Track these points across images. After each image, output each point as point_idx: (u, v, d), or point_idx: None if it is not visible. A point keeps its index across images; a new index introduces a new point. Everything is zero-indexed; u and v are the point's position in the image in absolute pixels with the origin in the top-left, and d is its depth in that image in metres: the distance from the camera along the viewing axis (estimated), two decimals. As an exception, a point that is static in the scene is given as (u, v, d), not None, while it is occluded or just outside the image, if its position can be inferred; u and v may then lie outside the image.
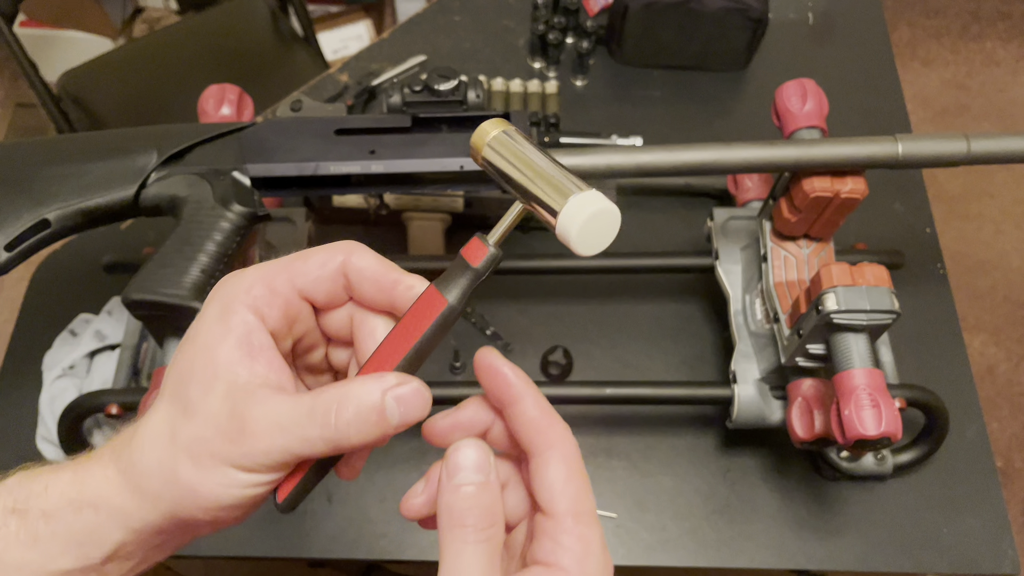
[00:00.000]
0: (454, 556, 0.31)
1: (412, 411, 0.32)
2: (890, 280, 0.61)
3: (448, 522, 0.31)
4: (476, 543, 0.31)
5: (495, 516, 0.31)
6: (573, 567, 0.31)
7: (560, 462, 0.32)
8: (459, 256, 0.33)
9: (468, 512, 0.31)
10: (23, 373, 0.82)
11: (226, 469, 0.31)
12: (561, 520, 0.31)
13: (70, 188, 0.61)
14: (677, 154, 0.66)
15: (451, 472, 0.32)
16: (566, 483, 0.32)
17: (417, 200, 0.87)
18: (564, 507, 0.31)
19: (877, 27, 1.13)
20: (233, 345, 0.31)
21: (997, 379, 1.65)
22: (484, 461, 0.32)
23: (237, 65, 1.39)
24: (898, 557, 0.75)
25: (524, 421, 0.33)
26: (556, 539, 0.31)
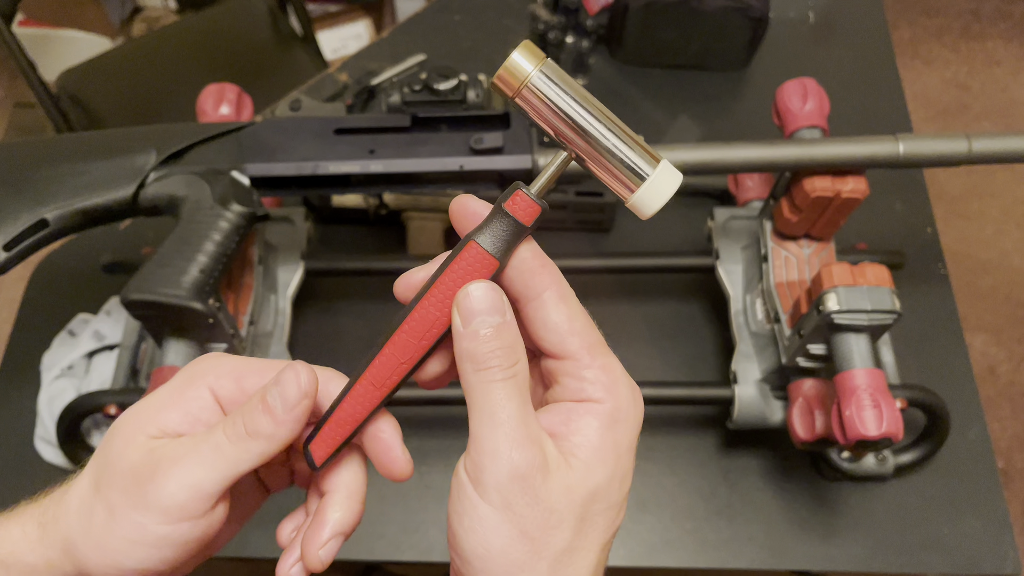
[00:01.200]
0: (484, 397, 0.30)
1: (287, 387, 0.31)
2: (891, 280, 0.61)
3: (473, 367, 0.30)
4: (504, 380, 0.30)
5: (518, 352, 0.30)
6: (605, 396, 0.31)
7: (559, 302, 0.31)
8: (501, 209, 0.30)
9: (492, 354, 0.30)
10: (21, 373, 0.82)
11: (136, 518, 0.30)
12: (578, 357, 0.31)
13: (69, 188, 0.61)
14: (677, 154, 0.66)
15: (466, 317, 0.30)
16: (571, 320, 0.31)
17: (417, 200, 0.87)
18: (577, 344, 0.31)
19: (878, 26, 1.13)
20: (179, 412, 0.32)
21: (998, 379, 1.64)
22: (498, 300, 0.30)
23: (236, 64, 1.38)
24: (899, 558, 0.75)
25: (513, 268, 0.31)
26: (578, 376, 0.31)
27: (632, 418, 0.31)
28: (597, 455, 0.30)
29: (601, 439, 0.30)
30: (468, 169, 0.64)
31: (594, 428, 0.30)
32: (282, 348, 0.73)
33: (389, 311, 0.89)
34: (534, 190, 0.30)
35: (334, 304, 0.88)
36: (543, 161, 0.65)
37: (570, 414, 0.31)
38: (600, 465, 0.30)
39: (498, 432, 0.29)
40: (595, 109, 0.29)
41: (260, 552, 0.74)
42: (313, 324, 0.86)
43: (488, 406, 0.30)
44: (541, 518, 0.29)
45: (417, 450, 0.79)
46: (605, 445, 0.30)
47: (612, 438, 0.30)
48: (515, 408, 0.30)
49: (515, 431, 0.29)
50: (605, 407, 0.30)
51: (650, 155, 0.29)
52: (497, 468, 0.29)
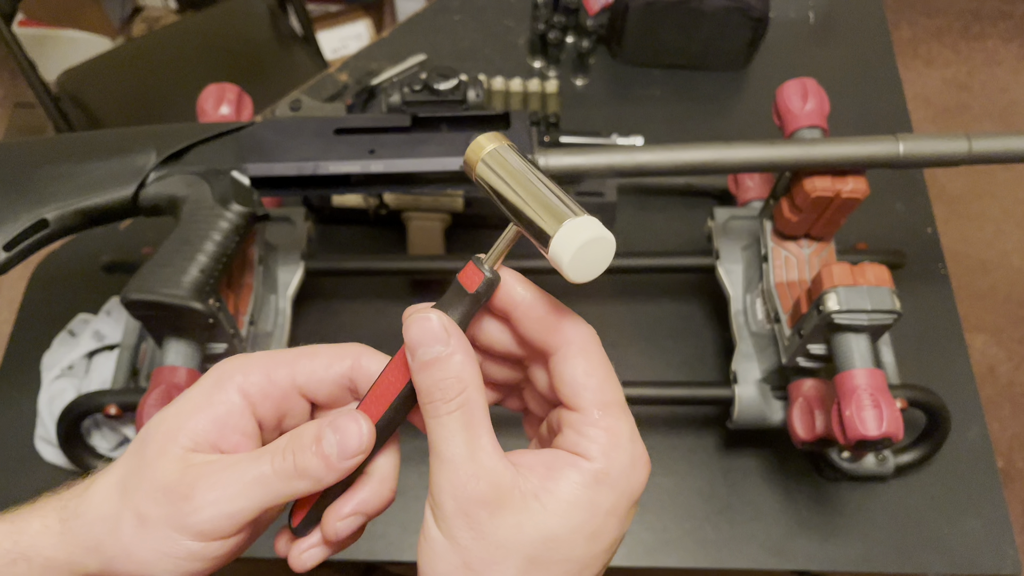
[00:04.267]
0: (433, 434, 0.30)
1: (347, 439, 0.31)
2: (891, 280, 0.61)
3: (422, 401, 0.30)
4: (448, 414, 0.30)
5: (464, 380, 0.30)
6: (599, 457, 0.30)
7: (577, 356, 0.31)
8: (456, 281, 0.32)
9: (435, 385, 0.30)
10: (22, 373, 0.82)
11: (171, 533, 0.30)
12: (586, 412, 0.30)
13: (69, 188, 0.61)
14: (677, 154, 0.66)
15: (412, 349, 0.30)
16: (586, 376, 0.31)
17: (417, 200, 0.87)
18: (588, 399, 0.30)
19: (878, 26, 1.13)
20: (208, 418, 0.32)
21: (998, 379, 1.64)
22: (436, 331, 0.30)
23: (236, 64, 1.39)
24: (899, 558, 0.75)
25: (531, 323, 0.31)
26: (580, 431, 0.30)
27: (623, 485, 0.30)
28: (563, 506, 0.29)
29: (575, 494, 0.29)
30: (468, 169, 0.64)
31: (572, 481, 0.30)
32: (282, 348, 0.73)
33: (389, 311, 0.89)
34: (488, 263, 0.32)
35: (334, 304, 0.88)
36: (543, 161, 0.65)
37: (555, 461, 0.30)
38: (563, 515, 0.29)
39: (444, 469, 0.29)
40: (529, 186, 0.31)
41: (261, 552, 0.74)
42: (313, 324, 0.86)
43: (432, 441, 0.30)
44: (485, 553, 0.29)
45: (417, 450, 0.79)
46: (579, 501, 0.29)
47: (589, 496, 0.29)
48: (461, 442, 0.29)
49: (460, 467, 0.29)
50: (592, 466, 0.30)
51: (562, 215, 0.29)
52: (443, 501, 0.29)
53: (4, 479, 0.78)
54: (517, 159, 0.32)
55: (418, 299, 0.88)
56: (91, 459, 0.74)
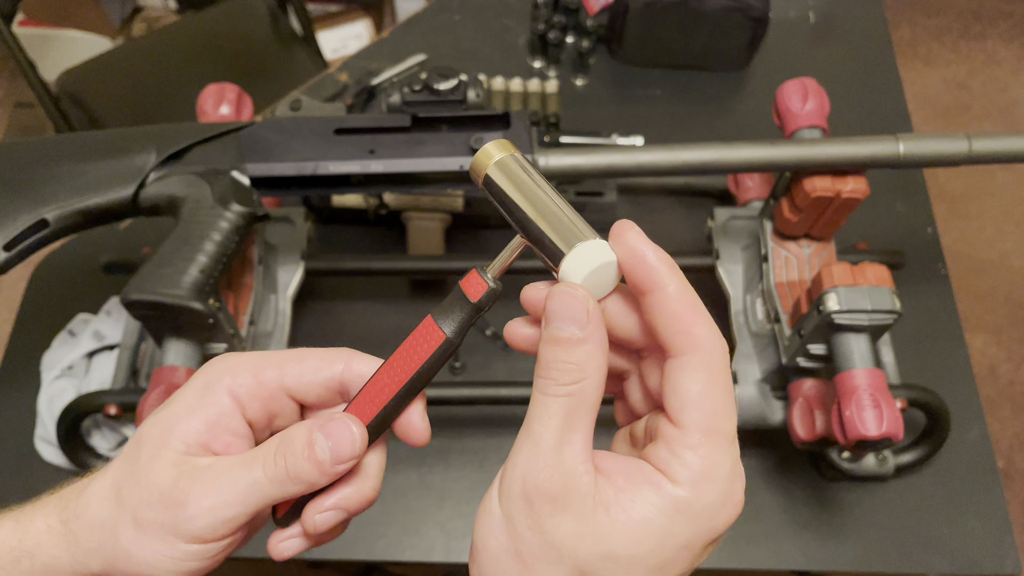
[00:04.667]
0: (533, 404, 0.29)
1: (340, 443, 0.31)
2: (891, 280, 0.61)
3: (537, 370, 0.29)
4: (557, 396, 0.28)
5: (586, 371, 0.28)
6: (686, 484, 0.27)
7: (700, 369, 0.28)
8: (457, 288, 0.32)
9: (554, 364, 0.28)
10: (22, 373, 0.82)
11: (168, 537, 0.31)
12: (688, 434, 0.28)
13: (69, 188, 0.61)
14: (677, 154, 0.66)
15: (548, 318, 0.28)
16: (701, 395, 0.28)
17: (417, 200, 0.87)
18: (694, 420, 0.28)
19: (878, 26, 1.13)
20: (199, 421, 0.32)
21: (998, 379, 1.64)
22: (580, 312, 0.28)
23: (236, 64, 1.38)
24: (899, 558, 0.74)
25: (663, 314, 0.28)
26: (675, 451, 0.28)
27: (705, 522, 0.27)
28: (632, 527, 0.27)
29: (648, 517, 0.27)
30: (468, 169, 0.64)
31: (648, 502, 0.27)
32: (282, 348, 0.73)
33: (389, 311, 0.89)
34: (491, 273, 0.32)
35: (334, 304, 0.88)
36: (543, 161, 0.65)
37: (637, 474, 0.28)
38: (629, 537, 0.27)
39: (527, 446, 0.28)
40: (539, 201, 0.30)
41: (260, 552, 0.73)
42: (313, 324, 0.86)
43: (531, 415, 0.28)
44: (539, 548, 0.27)
45: (417, 450, 0.79)
46: (651, 525, 0.27)
47: (664, 524, 0.27)
48: (555, 428, 0.28)
49: (544, 452, 0.28)
50: (676, 492, 0.27)
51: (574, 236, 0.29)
52: (512, 479, 0.28)
53: (4, 479, 0.78)
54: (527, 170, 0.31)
55: (418, 299, 0.88)
56: (91, 459, 0.74)
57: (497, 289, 0.32)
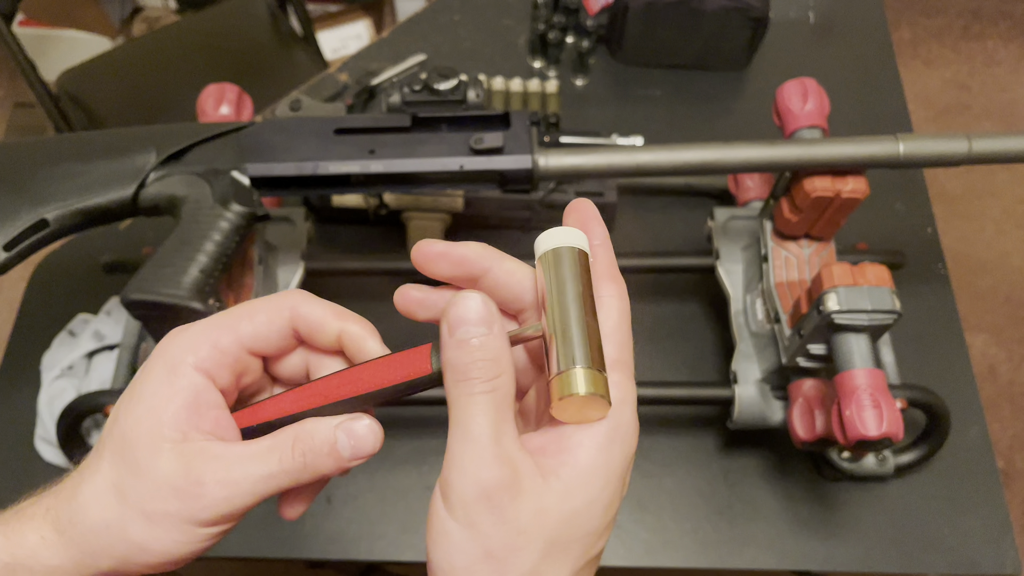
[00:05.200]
0: (462, 409, 0.29)
1: (364, 445, 0.32)
2: (891, 280, 0.61)
3: (453, 377, 0.30)
4: (483, 393, 0.29)
5: (501, 365, 0.30)
6: (611, 413, 0.30)
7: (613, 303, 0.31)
8: None
9: (472, 365, 0.29)
10: (22, 373, 0.82)
11: (184, 526, 0.31)
12: None
13: (69, 188, 0.61)
14: (677, 154, 0.66)
15: (452, 326, 0.30)
16: (616, 329, 0.31)
17: (417, 200, 0.87)
18: (607, 353, 0.30)
19: (878, 26, 1.13)
20: (180, 406, 0.32)
21: (998, 379, 1.64)
22: (485, 312, 0.30)
23: (236, 64, 1.38)
24: (899, 558, 0.75)
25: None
26: None
27: (629, 442, 0.30)
28: (582, 477, 0.29)
29: (592, 460, 0.29)
30: (468, 169, 0.64)
31: (586, 448, 0.29)
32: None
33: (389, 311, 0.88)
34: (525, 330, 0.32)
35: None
36: (543, 161, 0.65)
37: (565, 433, 0.30)
38: (582, 488, 0.29)
39: (468, 447, 0.29)
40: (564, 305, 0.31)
41: (260, 552, 0.74)
42: (313, 324, 0.86)
43: (463, 419, 0.29)
44: (507, 539, 0.28)
45: (417, 450, 0.79)
46: (596, 466, 0.29)
47: (605, 459, 0.29)
48: (488, 424, 0.29)
49: (485, 448, 0.28)
50: (604, 425, 0.29)
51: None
52: (464, 485, 0.28)
53: (4, 479, 0.78)
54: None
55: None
56: (91, 459, 0.74)
57: None
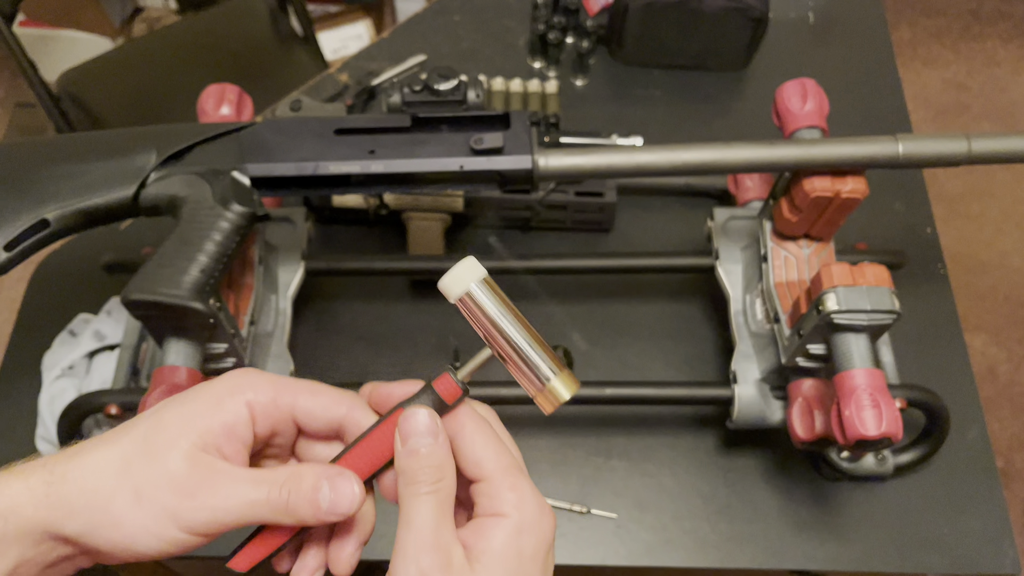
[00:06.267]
0: (409, 508, 0.35)
1: (341, 503, 0.35)
2: (891, 280, 0.61)
3: (403, 481, 0.35)
4: (427, 495, 0.34)
5: (444, 470, 0.35)
6: (512, 511, 0.35)
7: (474, 434, 0.36)
8: (430, 387, 0.37)
9: (420, 470, 0.35)
10: (22, 373, 0.82)
11: (164, 519, 0.33)
12: (493, 478, 0.36)
13: (69, 188, 0.61)
14: (677, 154, 0.66)
15: (404, 437, 0.35)
16: (484, 448, 0.36)
17: (417, 200, 0.87)
18: (490, 468, 0.36)
19: (878, 27, 1.13)
20: (218, 421, 0.35)
21: (998, 379, 1.65)
22: (432, 425, 0.35)
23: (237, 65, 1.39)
24: (899, 557, 0.75)
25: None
26: (492, 495, 0.35)
27: (538, 530, 0.35)
28: (497, 559, 0.34)
29: (503, 546, 0.34)
30: (468, 169, 0.64)
31: (498, 537, 0.34)
32: (282, 348, 0.73)
33: (389, 311, 0.89)
34: (460, 375, 0.37)
35: (334, 304, 0.88)
36: (543, 162, 0.65)
37: (481, 526, 0.35)
38: (499, 567, 0.34)
39: (410, 537, 0.34)
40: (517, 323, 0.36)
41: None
42: (313, 324, 0.86)
43: (409, 514, 0.34)
44: None
45: (417, 450, 0.80)
46: (507, 551, 0.34)
47: (515, 545, 0.34)
48: (430, 518, 0.34)
49: (425, 537, 0.34)
50: (511, 520, 0.35)
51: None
52: (407, 569, 0.33)
53: (5, 479, 0.78)
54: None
55: (418, 299, 0.88)
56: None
57: (467, 392, 0.37)
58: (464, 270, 0.36)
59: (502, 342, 0.36)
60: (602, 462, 0.79)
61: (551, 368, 0.36)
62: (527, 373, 0.36)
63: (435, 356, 0.85)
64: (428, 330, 0.86)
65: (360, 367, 0.84)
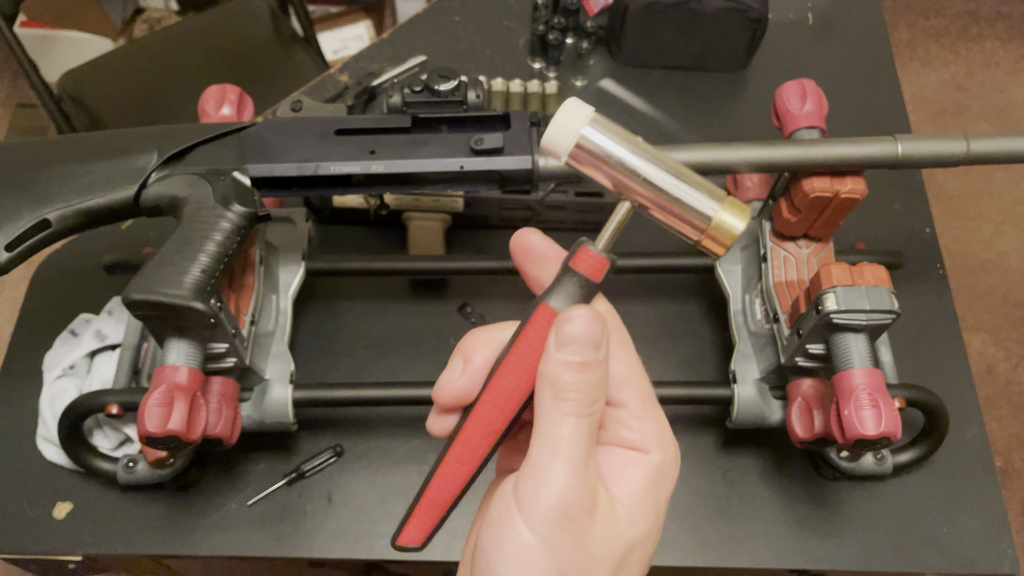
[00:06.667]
0: (555, 426, 0.29)
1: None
2: (890, 280, 0.61)
3: (551, 392, 0.30)
4: (579, 417, 0.29)
5: (601, 393, 0.30)
6: (655, 449, 0.31)
7: (619, 350, 0.32)
8: (569, 268, 0.31)
9: (575, 387, 0.29)
10: (23, 373, 0.82)
11: None
12: (631, 407, 0.31)
13: (70, 188, 0.61)
14: (677, 154, 0.66)
15: (562, 342, 0.30)
16: (629, 370, 0.31)
17: (417, 200, 0.87)
18: (631, 394, 0.31)
19: (877, 27, 1.13)
20: None
21: (997, 379, 1.65)
22: (597, 334, 0.30)
23: (237, 65, 1.39)
24: (898, 557, 0.75)
25: None
26: (630, 425, 0.31)
27: (672, 476, 0.31)
28: (640, 506, 0.30)
29: (645, 491, 0.30)
30: (468, 170, 0.65)
31: (639, 479, 0.30)
32: (283, 348, 0.74)
33: (390, 311, 0.89)
34: (600, 245, 0.31)
35: (335, 304, 0.88)
36: (543, 162, 0.65)
37: (617, 459, 0.31)
38: (643, 517, 0.30)
39: (557, 466, 0.29)
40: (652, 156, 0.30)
41: (261, 551, 0.74)
42: (314, 324, 0.86)
43: (555, 437, 0.29)
44: (582, 562, 0.29)
45: (417, 450, 0.80)
46: (648, 497, 0.30)
47: (655, 492, 0.31)
48: (581, 447, 0.29)
49: (575, 470, 0.29)
50: (653, 459, 0.31)
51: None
52: (549, 501, 0.28)
53: (6, 479, 0.78)
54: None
55: (418, 299, 0.89)
56: (92, 458, 0.74)
57: (615, 262, 0.31)
58: (569, 114, 0.29)
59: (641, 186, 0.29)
60: (602, 462, 0.79)
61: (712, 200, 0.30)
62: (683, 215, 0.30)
63: (435, 356, 0.85)
64: (428, 330, 0.86)
65: (360, 367, 0.84)
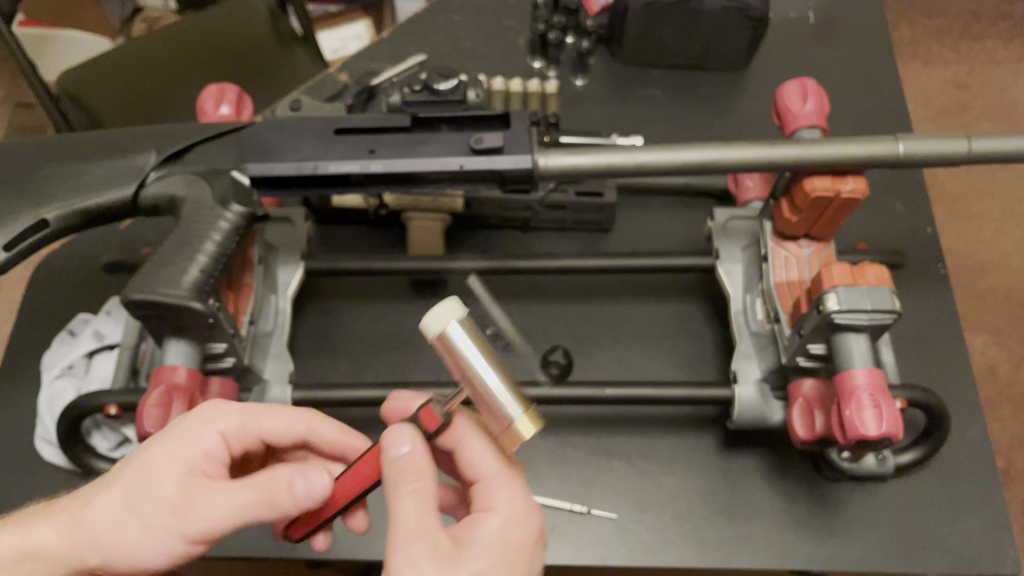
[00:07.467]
0: (394, 507, 0.39)
1: (313, 487, 0.41)
2: (891, 280, 0.61)
3: (387, 486, 0.40)
4: (409, 493, 0.39)
5: (422, 472, 0.39)
6: (502, 507, 0.39)
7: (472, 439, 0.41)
8: (416, 416, 0.41)
9: (400, 472, 0.39)
10: (22, 373, 0.82)
11: (170, 538, 0.38)
12: (487, 480, 0.40)
13: (69, 188, 0.61)
14: (677, 154, 0.66)
15: (385, 449, 0.40)
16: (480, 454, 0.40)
17: (417, 200, 0.87)
18: (485, 470, 0.40)
19: (878, 26, 1.13)
20: (197, 449, 0.40)
21: (998, 379, 1.64)
22: (409, 436, 0.40)
23: (236, 64, 1.38)
24: (899, 558, 0.75)
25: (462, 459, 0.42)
26: (484, 493, 0.40)
27: (524, 524, 0.39)
28: (483, 546, 0.38)
29: (490, 535, 0.38)
30: (468, 169, 0.64)
31: (486, 528, 0.38)
32: (282, 348, 0.73)
33: (389, 311, 0.89)
34: (441, 408, 0.40)
35: (334, 304, 0.88)
36: (543, 162, 0.65)
37: (472, 520, 0.39)
38: (485, 553, 0.37)
39: (397, 531, 0.38)
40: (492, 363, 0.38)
41: (260, 552, 0.74)
42: (313, 324, 0.86)
43: (394, 512, 0.39)
44: None
45: (417, 450, 0.80)
46: (494, 540, 0.38)
47: (501, 536, 0.38)
48: (413, 512, 0.38)
49: (411, 529, 0.38)
50: (499, 513, 0.39)
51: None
52: (396, 557, 0.37)
53: (4, 479, 0.78)
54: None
55: (418, 299, 0.89)
56: (91, 459, 0.74)
57: (448, 422, 0.40)
58: (446, 310, 0.38)
59: (473, 381, 0.38)
60: (602, 462, 0.79)
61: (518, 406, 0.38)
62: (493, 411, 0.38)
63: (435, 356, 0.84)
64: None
65: (360, 367, 0.84)
